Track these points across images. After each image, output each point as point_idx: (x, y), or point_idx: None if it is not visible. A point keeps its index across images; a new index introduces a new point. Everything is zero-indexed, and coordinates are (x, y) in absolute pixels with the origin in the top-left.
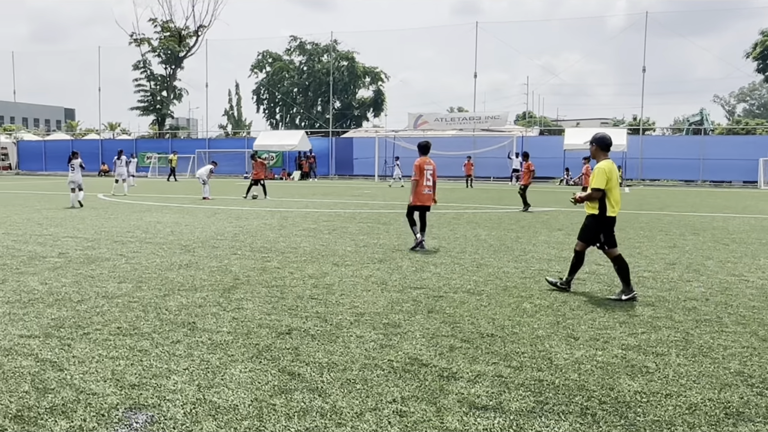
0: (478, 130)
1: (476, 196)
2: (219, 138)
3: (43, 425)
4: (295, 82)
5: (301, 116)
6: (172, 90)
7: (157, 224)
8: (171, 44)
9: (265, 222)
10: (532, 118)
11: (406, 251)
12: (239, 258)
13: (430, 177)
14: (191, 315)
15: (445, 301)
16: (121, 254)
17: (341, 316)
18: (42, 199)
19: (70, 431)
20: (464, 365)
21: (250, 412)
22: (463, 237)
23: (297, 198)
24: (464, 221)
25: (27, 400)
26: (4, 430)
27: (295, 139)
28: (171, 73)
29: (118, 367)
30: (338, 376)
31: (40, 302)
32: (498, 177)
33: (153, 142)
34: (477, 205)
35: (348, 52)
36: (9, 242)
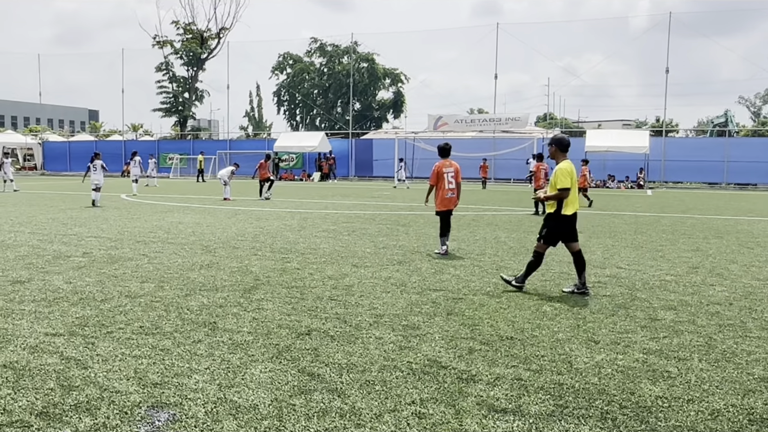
0: (498, 132)
1: (495, 198)
2: (240, 139)
3: (67, 422)
4: (316, 83)
5: (321, 118)
6: (194, 91)
7: (179, 225)
8: (193, 46)
9: (285, 223)
10: (553, 120)
11: (426, 253)
12: (259, 259)
13: (452, 179)
14: (212, 315)
15: (465, 303)
16: (143, 254)
17: (360, 317)
18: (66, 199)
19: (94, 428)
20: (483, 368)
21: (270, 411)
22: (482, 239)
23: (317, 199)
24: (484, 223)
25: (52, 397)
26: (30, 426)
27: (315, 141)
28: (193, 75)
29: (141, 365)
30: (357, 377)
31: (65, 301)
32: (518, 179)
33: (175, 143)
34: (497, 207)
35: (368, 54)
36: (35, 242)
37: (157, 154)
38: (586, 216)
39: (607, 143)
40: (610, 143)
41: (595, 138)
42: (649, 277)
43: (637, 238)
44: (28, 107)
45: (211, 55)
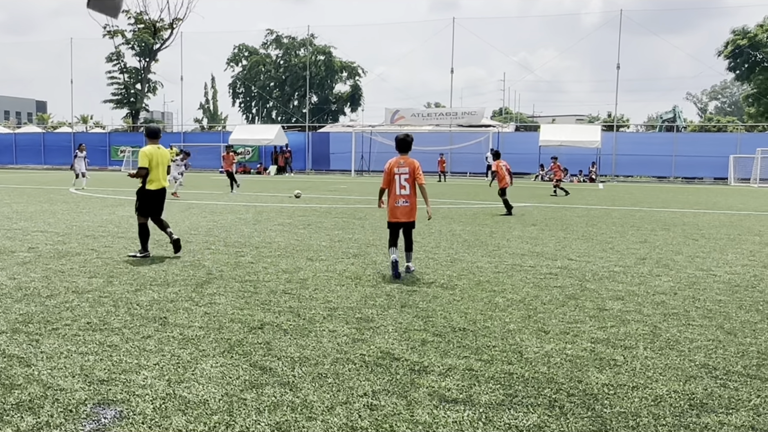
0: (455, 126)
1: (452, 191)
2: (195, 132)
3: (9, 421)
4: (272, 76)
5: (277, 110)
6: (147, 83)
7: (130, 219)
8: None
9: (239, 217)
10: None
11: (381, 246)
12: (213, 253)
13: (405, 183)
14: (163, 310)
15: (419, 295)
16: (92, 249)
17: (314, 310)
18: (12, 193)
19: (36, 427)
20: (435, 359)
21: (221, 406)
22: (438, 232)
23: (272, 193)
24: (439, 216)
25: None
26: None
27: (272, 134)
28: (145, 66)
29: (87, 362)
30: (310, 370)
31: (8, 297)
32: (474, 173)
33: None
34: (452, 201)
35: (325, 47)
36: None
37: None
38: (540, 209)
39: (560, 138)
40: (564, 138)
41: (550, 132)
42: (598, 269)
43: (588, 231)
44: None
45: (163, 45)
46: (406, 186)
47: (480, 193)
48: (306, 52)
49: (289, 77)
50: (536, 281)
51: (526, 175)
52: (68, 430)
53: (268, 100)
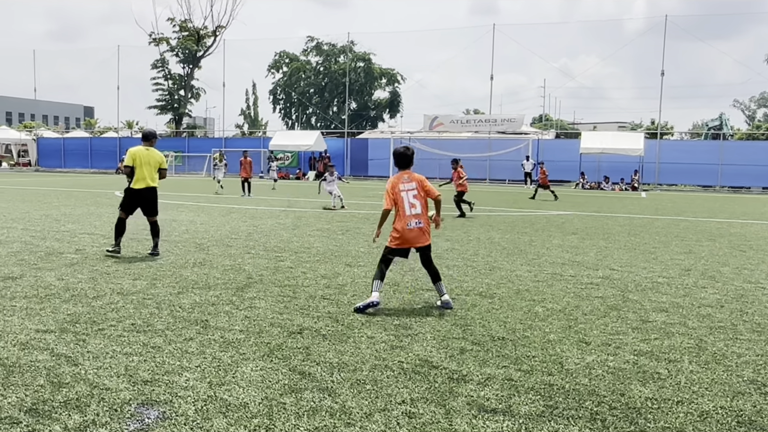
0: (494, 133)
1: (490, 198)
2: (235, 137)
3: (57, 419)
4: (312, 82)
5: (316, 117)
6: (190, 89)
7: (173, 222)
8: (189, 44)
9: (279, 222)
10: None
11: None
12: (253, 257)
13: (415, 201)
14: (204, 313)
15: (457, 303)
16: (136, 251)
17: (353, 316)
18: (60, 196)
19: (83, 425)
20: (474, 368)
21: (261, 410)
22: (476, 239)
23: (311, 198)
24: (477, 224)
25: (42, 393)
26: (19, 422)
27: (311, 140)
28: (189, 73)
29: (132, 363)
30: (348, 376)
31: (57, 297)
32: (513, 180)
33: (170, 141)
34: (491, 208)
35: (365, 53)
36: (27, 238)
37: None
38: (580, 218)
39: (602, 145)
40: (605, 145)
41: (591, 140)
42: (641, 279)
43: (631, 240)
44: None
45: (207, 52)
46: (417, 204)
47: (519, 200)
48: (346, 58)
49: (328, 84)
50: (577, 291)
51: (566, 182)
52: (113, 429)
53: (308, 106)
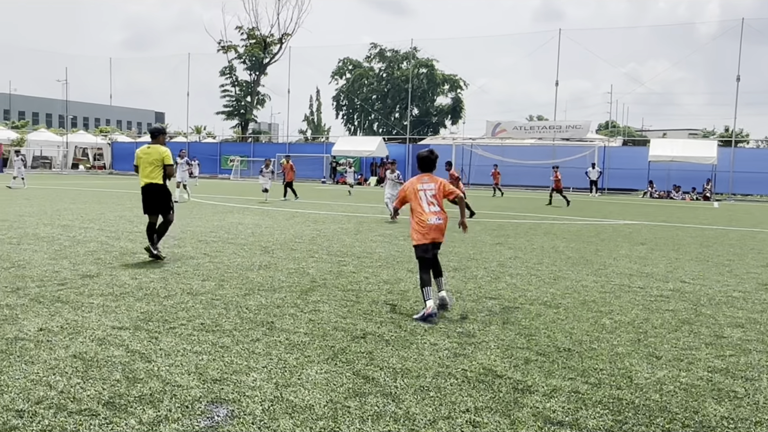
0: (558, 140)
1: (553, 206)
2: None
3: (132, 413)
4: (374, 88)
5: (378, 122)
6: (256, 95)
7: (239, 225)
8: (256, 51)
9: (341, 226)
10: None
11: (482, 260)
12: (316, 261)
13: (433, 199)
14: (270, 315)
15: (521, 312)
16: (205, 253)
17: (415, 323)
18: (133, 198)
19: (156, 420)
20: (540, 379)
21: (326, 412)
22: (540, 248)
23: (373, 203)
24: (541, 232)
25: (118, 388)
26: (97, 414)
27: (373, 145)
28: (255, 79)
29: (202, 361)
30: (412, 382)
31: (131, 296)
32: (577, 188)
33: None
34: (555, 216)
35: (427, 60)
36: (103, 238)
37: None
38: (649, 228)
39: (672, 153)
40: (676, 153)
41: (660, 147)
42: (714, 293)
43: (703, 252)
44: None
45: (273, 59)
46: (435, 203)
47: (584, 208)
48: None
49: (391, 90)
50: (646, 303)
51: (634, 191)
52: (185, 425)
53: (370, 112)
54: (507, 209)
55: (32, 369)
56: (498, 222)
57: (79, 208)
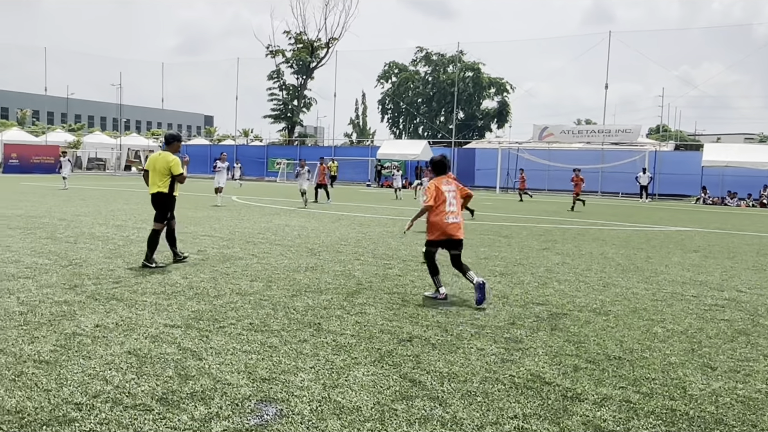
0: (608, 144)
1: (602, 212)
2: (344, 146)
3: (184, 409)
4: (420, 92)
5: (423, 126)
6: (303, 99)
7: (286, 227)
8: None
9: (386, 230)
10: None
11: (529, 266)
12: (362, 264)
13: (453, 200)
14: (317, 316)
15: (569, 319)
16: (252, 254)
17: (462, 327)
18: (182, 199)
19: (208, 417)
20: (589, 387)
21: (373, 414)
22: (588, 254)
23: (418, 207)
24: (589, 238)
25: (170, 384)
26: (151, 410)
27: (418, 149)
28: (302, 83)
29: (251, 360)
30: (459, 387)
31: (182, 295)
32: (627, 193)
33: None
34: (603, 222)
35: (474, 63)
36: None
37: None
38: (702, 235)
39: (727, 158)
40: (731, 158)
41: (714, 152)
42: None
43: (760, 261)
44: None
45: (319, 64)
46: (454, 203)
47: (633, 214)
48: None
49: (436, 93)
50: (700, 312)
51: (685, 197)
52: (235, 422)
53: (416, 116)
54: (553, 214)
55: (89, 364)
56: (545, 227)
57: (132, 209)
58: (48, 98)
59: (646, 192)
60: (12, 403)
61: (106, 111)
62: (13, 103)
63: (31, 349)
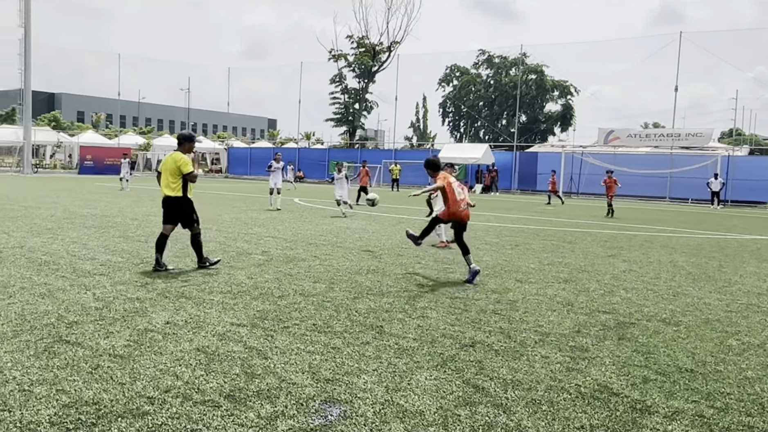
0: (677, 148)
1: (671, 218)
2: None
3: (251, 407)
4: (481, 95)
5: (485, 129)
6: (364, 102)
7: (347, 230)
8: (365, 59)
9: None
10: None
11: (594, 273)
12: (423, 267)
13: (460, 190)
14: (379, 319)
15: (637, 328)
16: (315, 256)
17: (525, 333)
18: (246, 201)
19: (273, 415)
20: (660, 399)
21: (436, 419)
22: (657, 262)
23: (479, 211)
24: (658, 245)
25: (237, 382)
26: (220, 406)
27: (479, 152)
28: (364, 87)
29: (315, 361)
30: (523, 394)
31: (247, 295)
32: (697, 199)
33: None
34: (672, 229)
35: (537, 65)
36: (221, 239)
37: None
38: None
39: None
40: None
41: None
42: None
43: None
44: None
45: (381, 67)
46: (462, 192)
47: (704, 221)
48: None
49: (498, 96)
50: None
51: (761, 204)
52: (300, 422)
53: (477, 119)
54: (618, 220)
55: (161, 359)
56: (610, 233)
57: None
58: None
59: (717, 198)
60: (89, 395)
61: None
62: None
63: (107, 343)
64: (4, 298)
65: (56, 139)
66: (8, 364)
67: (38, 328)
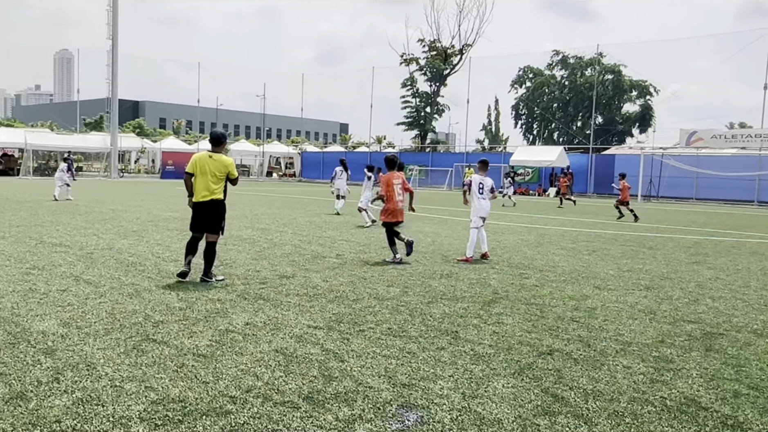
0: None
1: (761, 223)
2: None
3: (329, 409)
4: (555, 97)
5: (559, 132)
6: (435, 106)
7: (419, 234)
8: (437, 63)
9: (522, 238)
10: None
11: (678, 281)
12: (497, 272)
13: (400, 191)
14: (454, 324)
15: (726, 340)
16: (385, 257)
17: (605, 342)
18: (321, 204)
19: (351, 418)
20: (753, 415)
21: (515, 428)
22: (745, 269)
23: (553, 215)
24: (746, 251)
25: (315, 384)
26: (299, 407)
27: (553, 155)
28: (435, 90)
29: (390, 365)
30: (604, 405)
31: (323, 297)
32: None
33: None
34: (762, 234)
35: (614, 65)
36: (296, 241)
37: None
38: None
39: None
40: None
41: None
42: None
43: None
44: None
45: (453, 70)
46: (401, 193)
47: None
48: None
49: (573, 98)
50: None
51: None
52: (378, 425)
53: (551, 121)
54: (703, 225)
55: (241, 360)
56: (693, 239)
57: (274, 213)
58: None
59: None
60: (176, 392)
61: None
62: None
63: (191, 342)
64: (96, 297)
65: (140, 145)
66: (101, 361)
67: (127, 327)
